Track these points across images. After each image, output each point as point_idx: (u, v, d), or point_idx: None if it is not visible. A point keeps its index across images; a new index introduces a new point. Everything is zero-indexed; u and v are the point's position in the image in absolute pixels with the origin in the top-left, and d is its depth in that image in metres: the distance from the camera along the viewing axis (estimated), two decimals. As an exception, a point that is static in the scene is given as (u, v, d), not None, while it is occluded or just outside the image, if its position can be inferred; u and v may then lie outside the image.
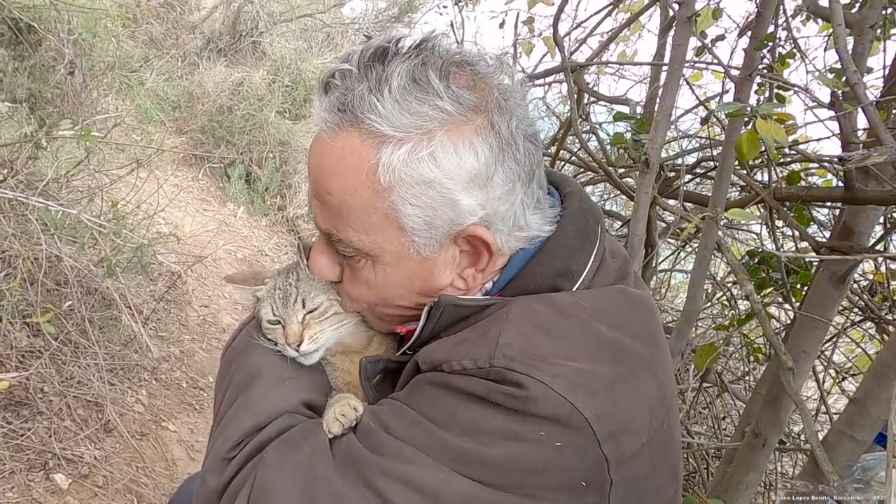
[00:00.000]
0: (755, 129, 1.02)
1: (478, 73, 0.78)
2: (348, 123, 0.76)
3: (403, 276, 0.83)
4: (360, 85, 0.75)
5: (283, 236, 5.68)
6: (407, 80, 0.74)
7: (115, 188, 3.50)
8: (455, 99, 0.74)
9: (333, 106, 0.77)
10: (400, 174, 0.75)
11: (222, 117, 5.55)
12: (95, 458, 2.60)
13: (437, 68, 0.75)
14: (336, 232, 0.81)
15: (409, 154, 0.74)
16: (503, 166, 0.77)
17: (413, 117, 0.74)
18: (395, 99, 0.73)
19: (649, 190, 1.47)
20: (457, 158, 0.75)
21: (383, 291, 0.85)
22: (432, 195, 0.76)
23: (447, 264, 0.83)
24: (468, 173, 0.76)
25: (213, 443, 0.83)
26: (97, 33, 4.02)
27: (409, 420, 0.75)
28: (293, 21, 7.49)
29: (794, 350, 1.56)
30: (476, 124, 0.76)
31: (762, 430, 1.62)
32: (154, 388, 3.24)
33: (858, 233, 1.53)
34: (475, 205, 0.77)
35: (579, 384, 0.71)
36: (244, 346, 0.94)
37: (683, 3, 1.37)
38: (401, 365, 0.89)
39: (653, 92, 2.31)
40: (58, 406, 2.67)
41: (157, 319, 3.60)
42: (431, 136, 0.74)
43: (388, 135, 0.74)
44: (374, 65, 0.76)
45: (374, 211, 0.77)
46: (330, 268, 0.88)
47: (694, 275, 1.65)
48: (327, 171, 0.78)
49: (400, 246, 0.80)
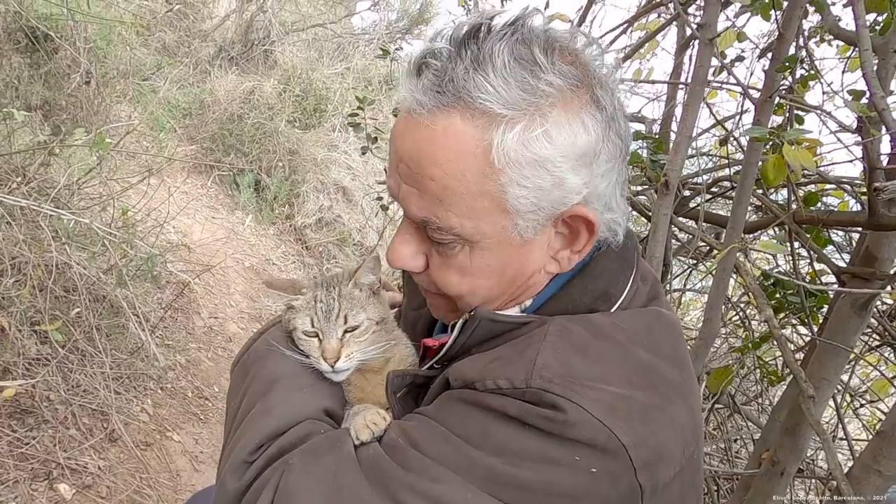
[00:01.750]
0: (781, 155, 1.00)
1: (573, 49, 0.76)
2: (450, 104, 0.72)
3: (499, 261, 0.80)
4: (458, 64, 0.72)
5: (291, 245, 5.67)
6: (509, 56, 0.71)
7: (125, 196, 3.51)
8: (562, 74, 0.72)
9: (430, 87, 0.73)
10: (514, 154, 0.71)
11: (233, 125, 5.57)
12: (99, 468, 2.58)
13: (541, 44, 0.72)
14: (435, 219, 0.77)
15: (523, 132, 0.71)
16: (608, 142, 0.75)
17: (525, 93, 0.70)
18: (503, 75, 0.70)
19: (668, 212, 1.45)
20: (571, 135, 0.72)
21: (476, 279, 0.81)
22: (543, 175, 0.73)
23: (542, 248, 0.80)
24: (579, 150, 0.73)
25: (232, 447, 0.81)
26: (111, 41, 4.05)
27: (439, 436, 0.73)
28: (305, 31, 7.53)
29: (815, 377, 1.52)
30: (584, 99, 0.73)
31: (781, 459, 1.58)
32: (159, 397, 3.22)
33: (881, 259, 1.50)
34: (580, 183, 0.75)
35: (617, 409, 0.70)
36: (262, 354, 0.92)
37: (705, 25, 1.35)
38: (427, 380, 0.88)
39: (669, 110, 2.30)
40: (63, 414, 2.65)
41: (163, 328, 3.59)
42: (544, 113, 0.71)
43: (499, 113, 0.70)
44: (469, 43, 0.72)
45: (481, 194, 0.74)
46: (414, 258, 0.84)
47: (711, 298, 1.63)
48: (427, 156, 0.73)
49: (502, 230, 0.77)
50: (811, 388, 1.39)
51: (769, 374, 2.46)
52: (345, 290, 0.92)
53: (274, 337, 0.94)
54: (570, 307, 0.81)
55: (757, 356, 2.29)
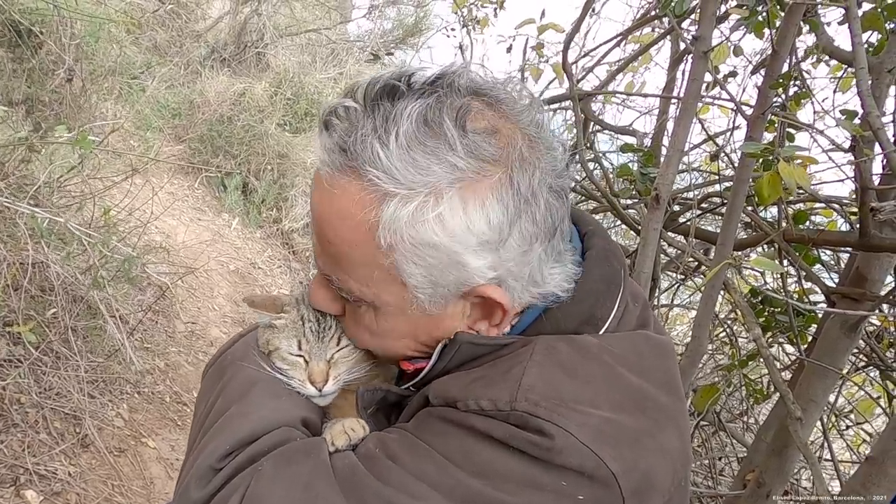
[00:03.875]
0: (776, 172, 0.98)
1: (503, 112, 0.70)
2: (349, 169, 0.68)
3: (407, 327, 0.77)
4: (365, 125, 0.67)
5: (277, 249, 5.61)
6: (417, 124, 0.66)
7: (109, 195, 3.44)
8: (470, 151, 0.66)
9: (334, 146, 0.69)
10: (402, 235, 0.67)
11: (222, 127, 5.51)
12: (69, 475, 2.50)
13: (454, 111, 0.66)
14: (336, 280, 0.75)
15: (413, 214, 0.66)
16: (519, 228, 0.69)
17: (420, 173, 0.65)
18: (403, 148, 0.65)
19: (658, 226, 1.43)
20: (466, 221, 0.67)
21: (385, 340, 0.80)
22: (438, 256, 0.69)
23: (456, 317, 0.77)
24: (478, 237, 0.68)
25: (199, 452, 0.76)
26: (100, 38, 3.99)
27: (420, 452, 0.70)
28: (299, 35, 7.50)
29: (803, 398, 1.50)
30: (493, 180, 0.67)
31: (766, 480, 1.56)
32: (136, 401, 3.14)
33: (872, 280, 1.48)
34: (485, 267, 0.70)
35: (606, 435, 0.67)
36: (241, 356, 0.88)
37: (700, 38, 1.34)
38: (401, 398, 0.84)
39: (661, 124, 2.29)
40: (34, 418, 2.57)
41: (143, 330, 3.51)
42: (439, 195, 0.66)
43: (389, 191, 0.66)
44: (382, 102, 0.68)
45: (374, 266, 0.71)
46: (331, 302, 0.82)
47: (699, 315, 1.60)
48: (326, 219, 0.71)
49: (403, 300, 0.74)
50: (799, 409, 1.37)
51: (755, 393, 2.44)
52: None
53: (255, 341, 0.90)
54: (553, 332, 0.77)
55: (743, 374, 2.27)
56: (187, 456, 0.80)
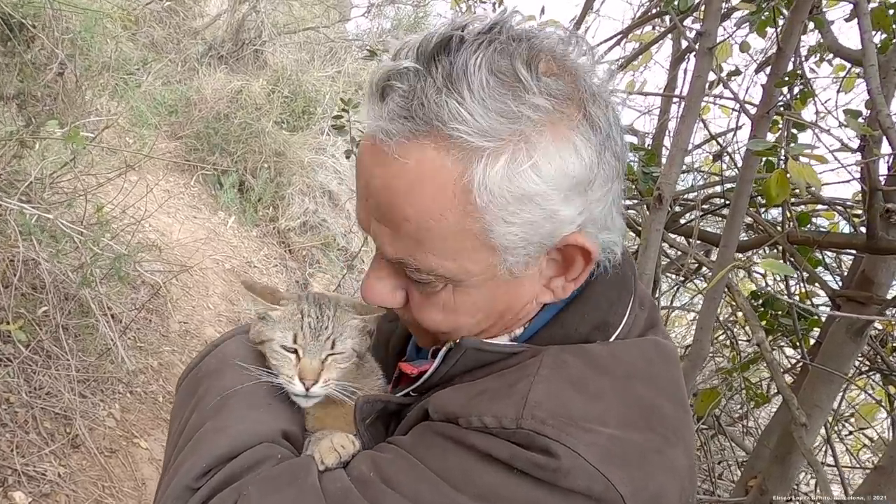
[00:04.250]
0: (784, 171, 0.95)
1: (560, 56, 0.66)
2: (421, 134, 0.62)
3: (486, 298, 0.72)
4: (428, 84, 0.62)
5: (274, 248, 5.57)
6: (487, 73, 0.61)
7: (104, 192, 3.39)
8: (548, 92, 0.62)
9: (396, 113, 0.63)
10: (498, 191, 0.62)
11: (219, 124, 5.47)
12: (59, 476, 2.46)
13: (523, 56, 0.62)
14: (413, 260, 0.68)
15: (507, 167, 0.61)
16: (604, 164, 0.66)
17: (508, 120, 0.61)
18: (481, 98, 0.60)
19: (661, 227, 1.40)
20: (562, 164, 0.63)
21: (461, 316, 0.73)
22: (532, 209, 0.64)
23: (534, 278, 0.72)
24: (572, 179, 0.64)
25: (175, 470, 0.72)
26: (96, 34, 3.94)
27: (416, 474, 0.66)
28: (297, 33, 7.46)
29: (807, 404, 1.47)
30: (575, 119, 0.64)
31: (769, 488, 1.52)
32: (128, 401, 3.10)
33: (878, 283, 1.45)
34: (575, 213, 0.66)
35: (614, 455, 0.63)
36: (216, 367, 0.84)
37: (705, 34, 1.30)
38: (400, 406, 0.80)
39: (662, 123, 2.25)
40: (23, 418, 2.53)
41: (136, 329, 3.47)
42: (531, 142, 0.62)
43: (478, 146, 0.61)
44: (440, 58, 0.62)
45: (464, 234, 0.65)
46: (392, 294, 0.75)
47: (701, 318, 1.57)
48: (399, 194, 0.64)
49: (489, 267, 0.68)
50: (803, 415, 1.33)
51: (756, 396, 2.41)
52: (340, 314, 0.85)
53: (230, 350, 0.85)
54: (564, 337, 0.74)
55: (745, 378, 2.24)
56: (162, 476, 0.76)
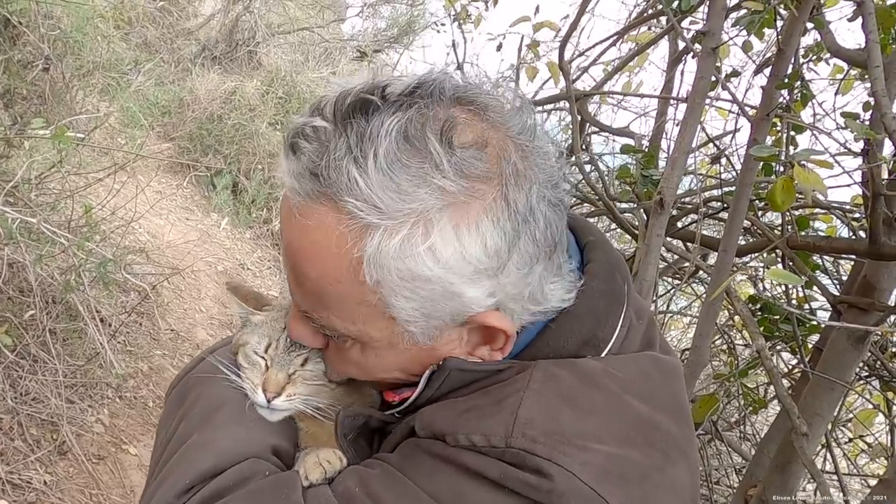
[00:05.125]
0: (791, 178, 0.92)
1: (491, 121, 0.62)
2: (323, 196, 0.60)
3: (399, 359, 0.70)
4: (339, 145, 0.59)
5: (267, 250, 5.52)
6: (398, 141, 0.58)
7: (95, 194, 3.34)
8: (459, 170, 0.58)
9: (304, 171, 0.60)
10: (390, 269, 0.60)
11: (212, 125, 5.42)
12: (45, 483, 2.41)
13: (438, 124, 0.59)
14: (317, 317, 0.68)
15: (400, 247, 0.59)
16: (517, 251, 0.62)
17: (405, 200, 0.58)
18: (383, 171, 0.57)
19: (662, 232, 1.37)
20: (460, 250, 0.60)
21: (375, 373, 0.73)
22: (431, 288, 0.61)
23: (452, 344, 0.69)
24: (473, 266, 0.61)
25: (158, 485, 0.70)
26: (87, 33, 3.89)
27: (403, 491, 0.64)
28: (291, 34, 7.42)
29: (808, 412, 1.44)
30: (486, 202, 0.60)
31: (769, 498, 1.49)
32: (117, 406, 3.05)
33: (880, 289, 1.43)
34: (483, 295, 0.63)
35: (611, 474, 0.61)
36: (206, 376, 0.81)
37: (708, 33, 1.27)
38: (384, 423, 0.77)
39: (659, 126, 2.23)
40: (8, 424, 2.48)
41: (126, 333, 3.41)
42: (429, 224, 0.59)
43: (372, 222, 0.58)
44: (356, 118, 0.60)
45: (360, 303, 0.63)
46: (312, 337, 0.74)
47: (700, 325, 1.54)
48: (301, 253, 0.63)
49: (393, 335, 0.66)
50: (804, 424, 1.30)
51: (754, 402, 2.39)
52: None
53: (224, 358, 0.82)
54: (552, 355, 0.70)
55: (743, 384, 2.21)
56: (146, 488, 0.73)
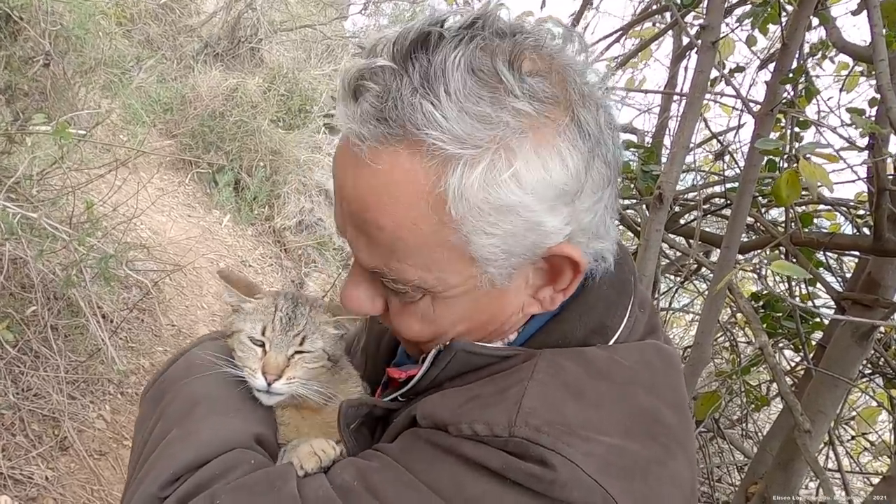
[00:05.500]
0: (796, 172, 0.90)
1: (550, 53, 0.61)
2: (395, 138, 0.58)
3: (468, 308, 0.68)
4: (403, 84, 0.57)
5: (269, 247, 5.51)
6: (466, 74, 0.57)
7: (97, 190, 3.34)
8: (532, 94, 0.57)
9: (369, 115, 0.58)
10: (475, 202, 0.58)
11: (214, 122, 5.42)
12: (47, 479, 2.42)
13: (505, 54, 0.58)
14: (388, 271, 0.65)
15: (484, 176, 0.57)
16: (593, 172, 0.62)
17: (485, 126, 0.56)
18: (457, 102, 0.56)
19: (661, 227, 1.35)
20: (544, 173, 0.59)
21: (441, 327, 0.70)
22: (513, 220, 0.60)
23: (520, 289, 0.68)
24: (557, 189, 0.60)
25: (141, 480, 0.68)
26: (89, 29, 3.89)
27: (403, 484, 0.63)
28: (294, 31, 7.40)
29: (811, 409, 1.43)
30: (561, 124, 0.59)
31: (771, 495, 1.48)
32: (119, 402, 3.05)
33: (885, 286, 1.41)
34: (561, 224, 0.62)
35: (613, 466, 0.60)
36: (182, 375, 0.80)
37: (708, 27, 1.26)
38: (387, 412, 0.77)
39: (662, 121, 2.21)
40: (10, 420, 2.48)
41: (128, 329, 3.41)
42: (510, 150, 0.57)
43: (454, 153, 0.57)
44: (417, 55, 0.58)
45: (440, 245, 0.61)
46: (370, 302, 0.71)
47: (703, 322, 1.53)
48: (372, 202, 0.61)
49: (470, 278, 0.64)
50: (807, 421, 1.29)
51: (756, 399, 2.37)
52: (314, 315, 0.82)
53: (196, 357, 0.81)
54: (561, 342, 0.70)
55: (745, 381, 2.20)
56: (125, 489, 0.71)
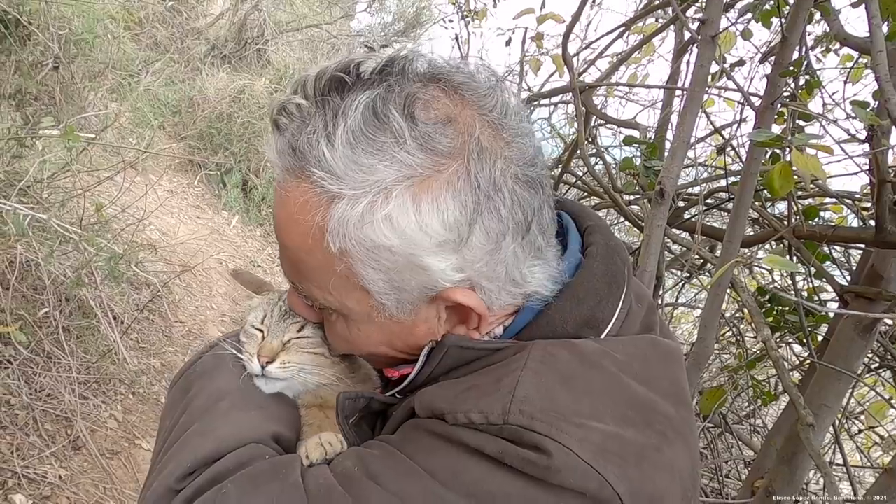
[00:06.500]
0: (788, 163, 0.91)
1: (461, 98, 0.65)
2: (297, 170, 0.64)
3: (381, 333, 0.72)
4: (316, 121, 0.63)
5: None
6: (362, 118, 0.61)
7: (108, 192, 3.38)
8: (420, 144, 0.61)
9: (286, 146, 0.65)
10: (353, 238, 0.63)
11: (221, 124, 5.46)
12: (60, 478, 2.45)
13: (402, 100, 0.61)
14: (300, 286, 0.72)
15: (361, 216, 0.62)
16: (481, 225, 0.64)
17: (366, 172, 0.61)
18: (348, 145, 0.61)
19: (662, 222, 1.36)
20: (418, 221, 0.62)
21: (362, 348, 0.76)
22: (395, 259, 0.64)
23: (431, 322, 0.71)
24: (433, 238, 0.63)
25: (159, 472, 0.71)
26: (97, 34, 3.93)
27: (403, 470, 0.64)
28: (300, 31, 7.44)
29: (814, 403, 1.43)
30: (447, 175, 0.62)
31: (776, 489, 1.48)
32: (130, 402, 3.09)
33: (888, 278, 1.41)
34: (449, 269, 0.65)
35: (609, 452, 0.61)
36: (210, 368, 0.83)
37: (707, 21, 1.26)
38: (386, 406, 0.78)
39: (665, 116, 2.21)
40: (24, 420, 2.52)
41: (138, 330, 3.46)
42: (388, 194, 0.61)
43: (337, 192, 0.62)
44: (332, 96, 0.63)
45: (331, 273, 0.66)
46: (308, 310, 0.78)
47: (705, 316, 1.53)
48: (281, 223, 0.68)
49: (369, 307, 0.69)
50: (810, 415, 1.29)
51: (763, 394, 2.37)
52: None
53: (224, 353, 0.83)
54: (551, 335, 0.71)
55: (751, 376, 2.20)
56: (148, 476, 0.74)
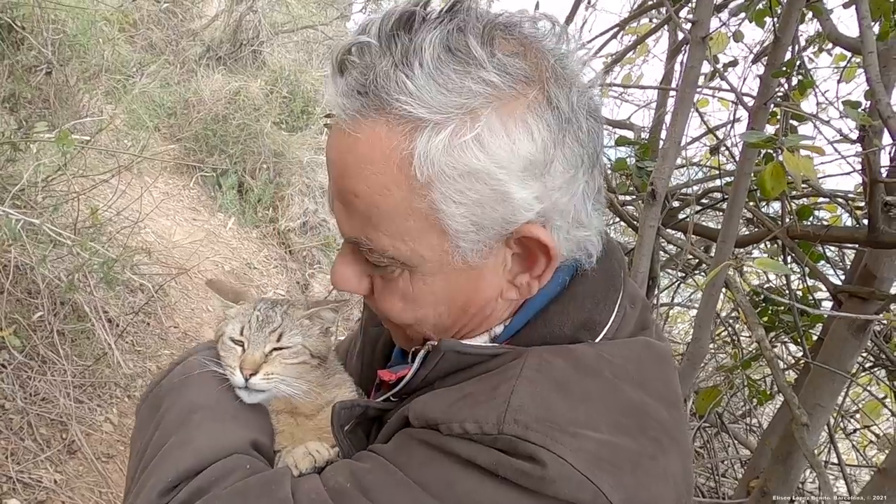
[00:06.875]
0: (780, 164, 0.91)
1: (526, 37, 0.64)
2: (372, 109, 0.62)
3: (445, 288, 0.69)
4: (384, 60, 0.62)
5: (274, 249, 5.54)
6: (441, 49, 0.60)
7: (102, 195, 3.37)
8: (502, 69, 0.61)
9: (352, 88, 0.63)
10: (440, 165, 0.61)
11: (217, 126, 5.45)
12: (55, 483, 2.44)
13: (478, 33, 0.61)
14: (366, 240, 0.67)
15: (449, 139, 0.60)
16: (563, 149, 0.63)
17: (452, 94, 0.60)
18: (429, 73, 0.60)
19: (655, 223, 1.36)
20: (508, 141, 0.61)
21: (420, 307, 0.71)
22: (480, 189, 0.62)
23: (496, 272, 0.69)
24: (522, 159, 0.62)
25: (140, 489, 0.69)
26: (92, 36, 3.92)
27: (395, 483, 0.64)
28: (295, 32, 7.43)
29: (809, 403, 1.43)
30: (529, 98, 0.62)
31: (771, 489, 1.49)
32: (126, 406, 3.07)
33: (881, 278, 1.41)
34: (531, 198, 0.63)
35: (603, 461, 0.60)
36: (178, 384, 0.81)
37: (697, 23, 1.26)
38: (381, 412, 0.78)
39: (658, 117, 2.21)
40: (18, 424, 2.51)
41: (134, 333, 3.44)
42: (476, 116, 0.60)
43: (422, 118, 0.60)
44: (399, 35, 0.62)
45: (410, 213, 0.64)
46: (357, 280, 0.73)
47: (700, 316, 1.53)
48: (351, 169, 0.64)
49: (443, 253, 0.66)
50: (805, 415, 1.30)
51: (758, 394, 2.37)
52: (292, 311, 0.84)
53: (193, 365, 0.82)
54: (548, 337, 0.71)
55: (746, 375, 2.20)
56: (126, 497, 0.73)
